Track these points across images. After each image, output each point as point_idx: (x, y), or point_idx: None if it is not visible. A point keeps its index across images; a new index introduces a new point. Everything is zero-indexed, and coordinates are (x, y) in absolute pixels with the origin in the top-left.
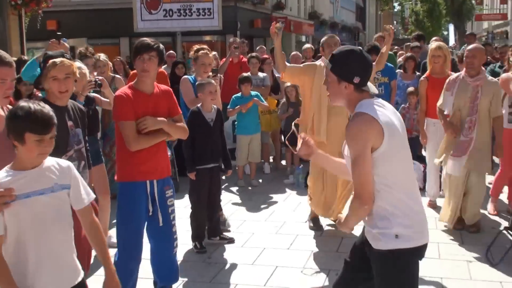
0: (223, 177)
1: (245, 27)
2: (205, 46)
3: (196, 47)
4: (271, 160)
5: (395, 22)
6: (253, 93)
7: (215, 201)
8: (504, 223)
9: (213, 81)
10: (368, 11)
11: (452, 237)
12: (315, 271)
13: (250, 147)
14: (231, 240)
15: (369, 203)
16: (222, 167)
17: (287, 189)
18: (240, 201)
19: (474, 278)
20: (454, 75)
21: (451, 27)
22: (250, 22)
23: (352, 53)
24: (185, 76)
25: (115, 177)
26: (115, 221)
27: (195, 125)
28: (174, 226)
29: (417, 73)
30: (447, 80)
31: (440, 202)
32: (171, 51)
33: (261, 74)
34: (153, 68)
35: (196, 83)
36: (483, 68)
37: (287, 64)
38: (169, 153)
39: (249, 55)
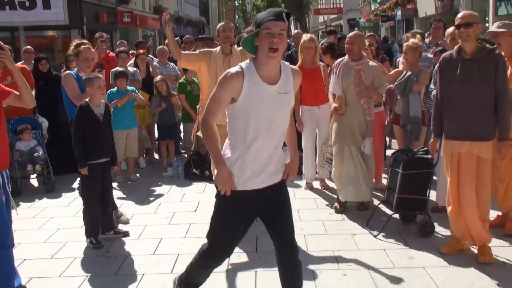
0: None
1: (90, 22)
2: (85, 41)
3: (76, 41)
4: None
5: (237, 16)
6: (129, 88)
7: (108, 196)
8: (376, 201)
9: (101, 75)
10: (211, 5)
11: (333, 215)
12: None
13: (127, 142)
14: (126, 234)
15: None
16: None
17: (167, 182)
18: (124, 196)
19: (361, 248)
20: (338, 60)
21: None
22: (95, 16)
23: None
24: (68, 72)
25: None
26: None
27: (84, 120)
28: None
29: None
30: (333, 65)
31: (316, 184)
32: (29, 47)
33: (131, 69)
34: None
35: (84, 78)
36: (364, 54)
37: (182, 51)
38: (41, 152)
39: (118, 49)
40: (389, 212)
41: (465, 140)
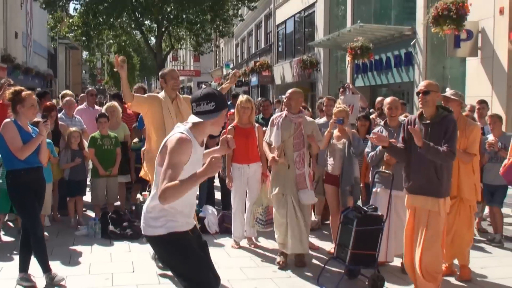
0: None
1: None
2: (21, 87)
3: (12, 88)
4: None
5: (84, 71)
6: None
7: None
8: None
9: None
10: (58, 59)
11: (277, 272)
12: None
13: None
14: None
15: None
16: None
17: (84, 241)
18: None
19: None
20: (277, 114)
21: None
22: None
23: None
24: (8, 120)
25: None
26: None
27: None
28: None
29: None
30: (272, 118)
31: (243, 243)
32: None
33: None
34: None
35: None
36: (302, 109)
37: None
38: None
39: None
40: (334, 268)
41: (419, 195)
